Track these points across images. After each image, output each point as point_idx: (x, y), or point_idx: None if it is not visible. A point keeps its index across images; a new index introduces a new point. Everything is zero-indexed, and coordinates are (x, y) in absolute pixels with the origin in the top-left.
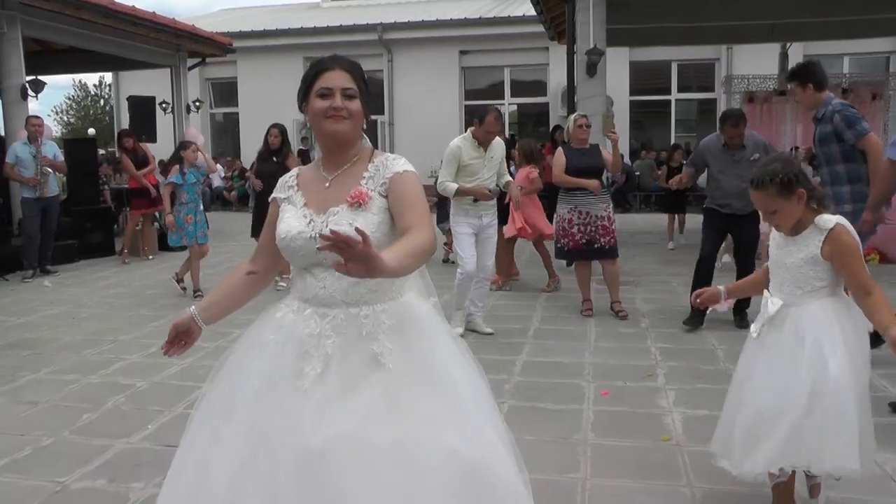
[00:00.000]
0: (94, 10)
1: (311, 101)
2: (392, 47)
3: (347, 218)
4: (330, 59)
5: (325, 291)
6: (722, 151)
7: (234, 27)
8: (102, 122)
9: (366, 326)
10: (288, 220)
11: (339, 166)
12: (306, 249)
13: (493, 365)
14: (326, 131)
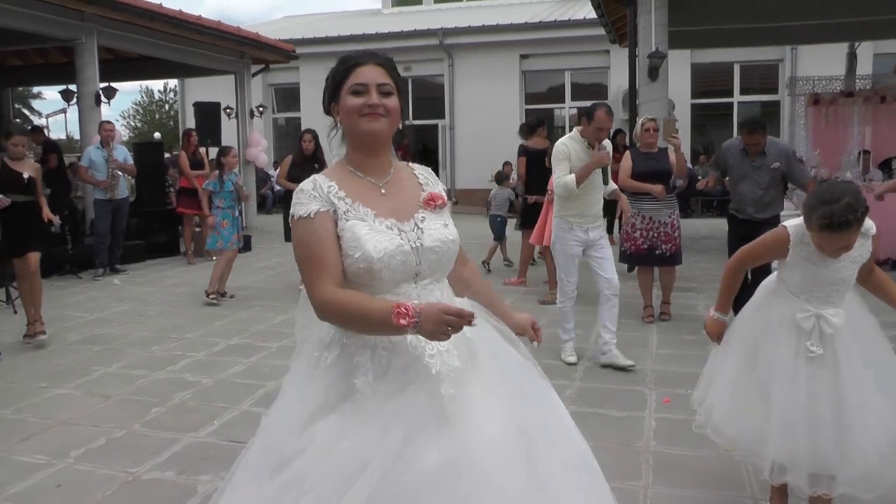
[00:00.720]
0: (163, 20)
1: (342, 98)
2: (453, 52)
3: (438, 220)
4: (362, 53)
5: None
6: (742, 156)
7: (296, 34)
8: (167, 127)
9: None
10: (370, 236)
11: (381, 170)
12: (408, 264)
13: (555, 370)
14: (362, 130)
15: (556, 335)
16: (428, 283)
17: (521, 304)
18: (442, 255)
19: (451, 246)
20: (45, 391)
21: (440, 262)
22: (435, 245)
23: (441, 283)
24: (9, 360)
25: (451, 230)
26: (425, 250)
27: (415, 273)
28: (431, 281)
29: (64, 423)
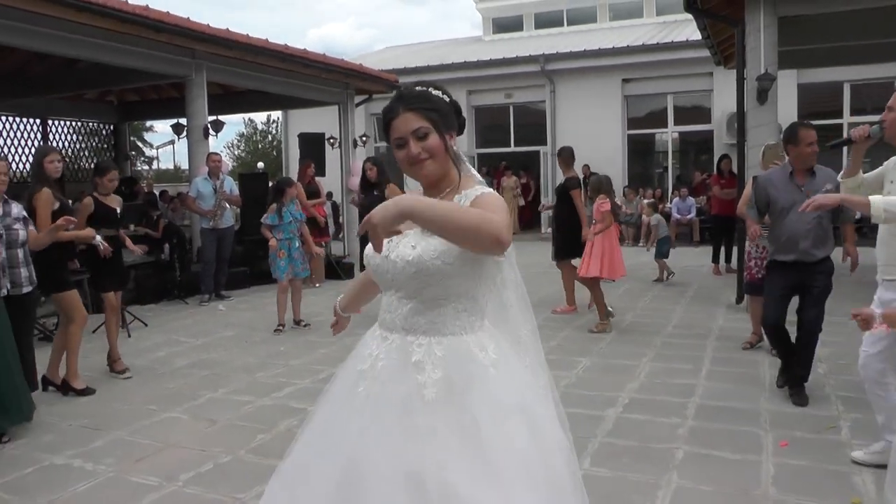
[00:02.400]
0: (270, 55)
1: (393, 150)
2: (554, 78)
3: (413, 241)
4: (395, 101)
5: (390, 315)
6: (789, 182)
7: (398, 64)
8: (270, 157)
9: (415, 354)
10: None
11: (434, 195)
12: (382, 269)
13: (665, 407)
14: (415, 178)
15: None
16: (402, 295)
17: (573, 333)
18: (399, 273)
19: (405, 266)
20: (156, 414)
21: (399, 279)
22: (396, 260)
23: (412, 303)
24: (124, 381)
25: (414, 252)
26: (389, 262)
27: (390, 281)
28: (404, 296)
29: (174, 446)
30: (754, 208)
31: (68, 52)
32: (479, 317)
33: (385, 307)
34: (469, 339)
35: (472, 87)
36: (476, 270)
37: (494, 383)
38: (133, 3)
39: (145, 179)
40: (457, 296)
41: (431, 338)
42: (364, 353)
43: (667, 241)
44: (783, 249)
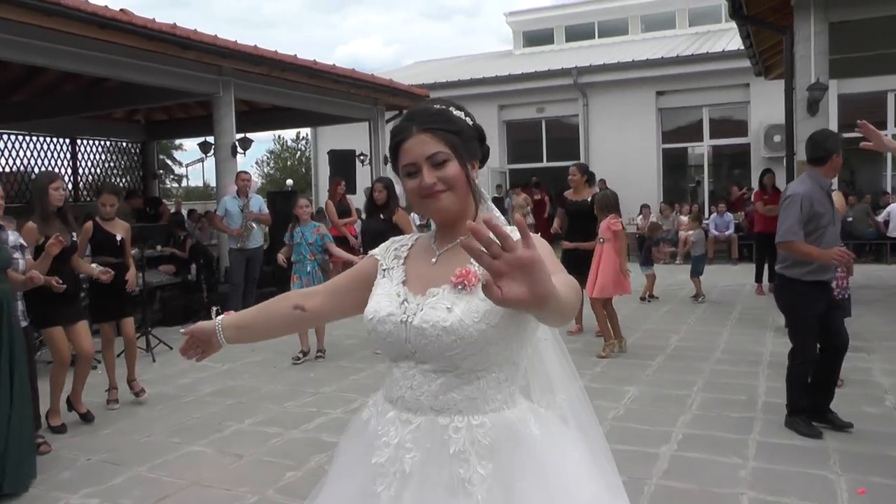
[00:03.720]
0: (298, 71)
1: (402, 179)
2: (587, 91)
3: (447, 301)
4: (407, 119)
5: (411, 393)
6: (825, 197)
7: (428, 79)
8: (299, 173)
9: (455, 442)
10: (379, 297)
11: (450, 240)
12: (396, 337)
13: (723, 445)
14: (429, 213)
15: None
16: (429, 369)
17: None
18: (431, 343)
19: (440, 335)
20: (179, 447)
21: (430, 350)
22: (422, 326)
23: (447, 378)
24: (146, 411)
25: (452, 316)
26: (413, 329)
27: (409, 351)
28: (434, 369)
29: (197, 484)
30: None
31: (95, 71)
32: (517, 386)
33: (400, 382)
34: (512, 414)
35: (503, 102)
36: (520, 331)
37: (550, 468)
38: (160, 22)
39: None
40: (498, 364)
41: (470, 417)
42: (377, 441)
43: (702, 259)
44: (823, 270)
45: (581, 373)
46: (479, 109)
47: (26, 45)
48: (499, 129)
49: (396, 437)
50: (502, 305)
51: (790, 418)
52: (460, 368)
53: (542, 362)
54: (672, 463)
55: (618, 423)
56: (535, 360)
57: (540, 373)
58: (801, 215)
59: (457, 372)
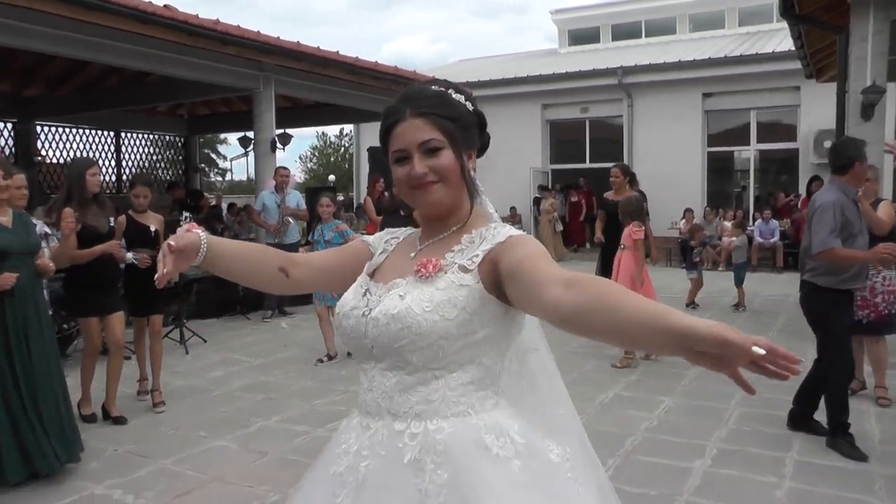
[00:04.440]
0: (339, 67)
1: (392, 166)
2: (632, 91)
3: (407, 291)
4: (401, 102)
5: (371, 395)
6: (854, 205)
7: (472, 77)
8: (342, 169)
9: (410, 450)
10: (348, 291)
11: (433, 234)
12: (357, 331)
13: (759, 462)
14: (418, 205)
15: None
16: (385, 367)
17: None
18: (381, 334)
19: (390, 322)
20: (205, 442)
21: (381, 342)
22: (377, 317)
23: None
24: (175, 403)
25: (402, 304)
26: (370, 320)
27: (369, 347)
28: (389, 367)
29: (219, 480)
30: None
31: (137, 66)
32: (491, 391)
33: (364, 384)
34: (478, 421)
35: (547, 101)
36: (487, 329)
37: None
38: (203, 17)
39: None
40: (459, 364)
41: (427, 422)
42: (338, 448)
43: (744, 267)
44: (856, 277)
45: (615, 380)
46: (523, 108)
47: (71, 40)
48: (542, 128)
49: (356, 444)
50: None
51: (833, 438)
52: (411, 364)
53: (532, 378)
54: (705, 479)
55: (650, 435)
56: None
57: (526, 392)
58: (835, 222)
59: (409, 369)
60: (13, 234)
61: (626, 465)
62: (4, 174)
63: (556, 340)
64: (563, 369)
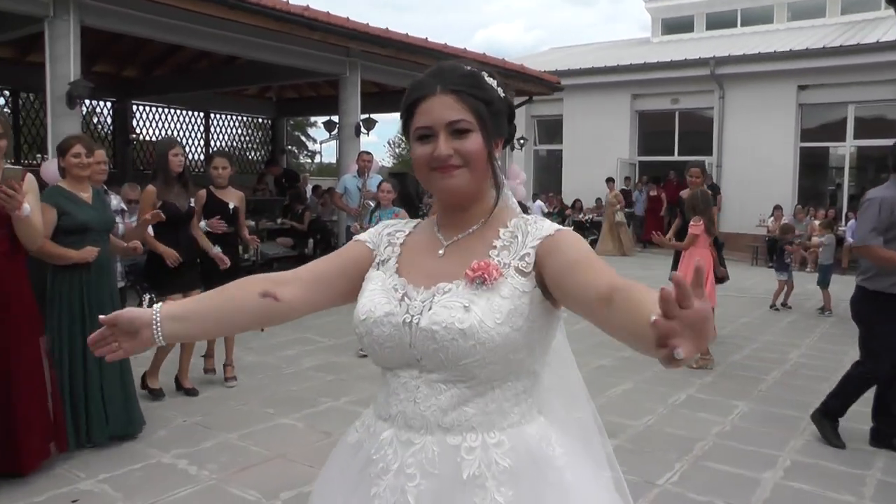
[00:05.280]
0: (426, 54)
1: (412, 144)
2: (724, 83)
3: (463, 299)
4: (431, 76)
5: (414, 408)
6: None
7: (561, 65)
8: None
9: (469, 465)
10: (372, 293)
11: (460, 229)
12: (396, 340)
13: (838, 478)
14: (436, 189)
15: None
16: (436, 379)
17: (728, 370)
18: (442, 348)
19: (456, 339)
20: (271, 419)
21: (440, 357)
22: (432, 328)
23: (458, 389)
24: (246, 379)
25: (471, 317)
26: (419, 331)
27: (413, 358)
28: (443, 380)
29: (282, 458)
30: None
31: (225, 50)
32: (536, 398)
33: (399, 394)
34: (532, 430)
35: (637, 91)
36: (544, 335)
37: (575, 495)
38: (293, 4)
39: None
40: (517, 373)
41: (485, 435)
42: (372, 468)
43: (830, 269)
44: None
45: (689, 381)
46: (612, 98)
47: (166, 25)
48: (630, 119)
49: (396, 461)
50: (669, 367)
51: (820, 418)
52: (476, 378)
53: (567, 370)
54: (775, 492)
55: (720, 441)
56: (559, 367)
57: (564, 384)
58: (880, 219)
59: (471, 383)
60: (94, 209)
61: (694, 470)
62: (87, 152)
63: None
64: (636, 368)
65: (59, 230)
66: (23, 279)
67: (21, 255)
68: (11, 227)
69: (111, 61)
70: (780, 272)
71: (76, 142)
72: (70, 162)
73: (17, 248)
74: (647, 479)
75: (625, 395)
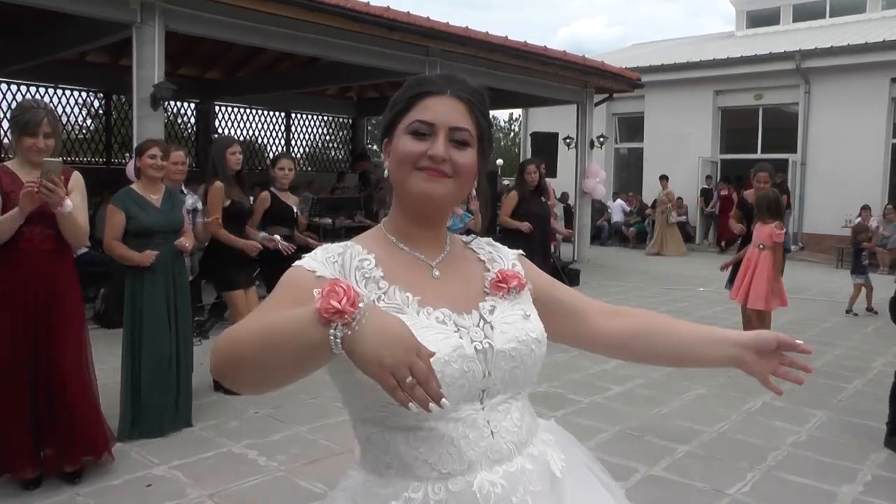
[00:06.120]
0: (506, 52)
1: (396, 137)
2: (810, 77)
3: (511, 313)
4: (441, 78)
5: (495, 440)
6: None
7: (643, 62)
8: (511, 154)
9: (553, 462)
10: (420, 331)
11: (434, 244)
12: (471, 375)
13: None
14: (414, 190)
15: None
16: (500, 401)
17: (806, 376)
18: (521, 363)
19: (533, 349)
20: (342, 413)
21: (517, 374)
22: (510, 347)
23: (519, 401)
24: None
25: (535, 324)
26: (497, 354)
27: (481, 388)
28: (506, 399)
29: (350, 452)
30: None
31: (306, 51)
32: None
33: (468, 435)
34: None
35: (719, 87)
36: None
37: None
38: (374, 5)
39: None
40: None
41: (538, 435)
42: None
43: None
44: None
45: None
46: (694, 95)
47: (248, 28)
48: (713, 116)
49: (503, 495)
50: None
51: (891, 438)
52: (521, 392)
53: None
54: None
55: (796, 451)
56: None
57: None
58: None
59: (518, 396)
60: (160, 212)
61: (766, 481)
62: (163, 155)
63: None
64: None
65: (127, 232)
66: (72, 278)
67: (68, 254)
68: (57, 226)
69: (195, 64)
70: (855, 275)
71: (152, 145)
72: (145, 163)
73: (64, 247)
74: (717, 487)
75: (698, 399)
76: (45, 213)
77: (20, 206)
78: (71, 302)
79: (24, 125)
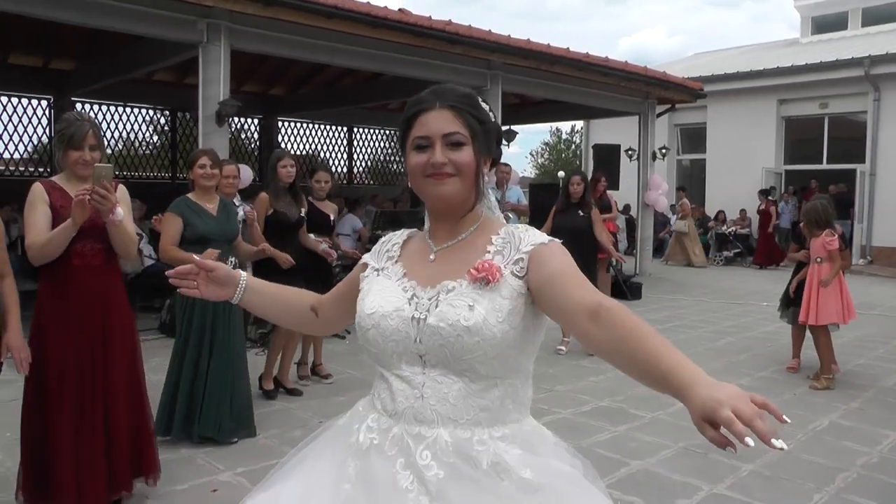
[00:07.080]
0: (567, 64)
1: (407, 153)
2: (880, 83)
3: (467, 298)
4: (430, 94)
5: (423, 403)
6: None
7: (705, 71)
8: (572, 165)
9: (485, 455)
10: (379, 293)
11: (449, 235)
12: (403, 334)
13: None
14: (428, 195)
15: None
16: (438, 374)
17: (874, 395)
18: (447, 344)
19: (461, 335)
20: None
21: (446, 352)
22: (439, 325)
23: (462, 383)
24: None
25: (475, 315)
26: (427, 327)
27: (417, 353)
28: (446, 373)
29: None
30: None
31: (369, 67)
32: (527, 398)
33: (405, 390)
34: (527, 427)
35: (783, 96)
36: (533, 335)
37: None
38: (436, 19)
39: None
40: (514, 371)
41: (491, 430)
42: (390, 467)
43: None
44: None
45: (833, 406)
46: (757, 104)
47: (311, 45)
48: (776, 125)
49: (413, 455)
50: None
51: None
52: (477, 373)
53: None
54: None
55: (867, 473)
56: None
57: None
58: None
59: (473, 377)
60: (216, 221)
61: (834, 503)
62: (212, 164)
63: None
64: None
65: (183, 240)
66: (121, 291)
67: (116, 267)
68: (106, 240)
69: (259, 81)
70: None
71: (202, 154)
72: (196, 173)
73: (114, 261)
74: None
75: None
76: (94, 226)
77: (72, 217)
78: (123, 313)
79: (70, 139)
